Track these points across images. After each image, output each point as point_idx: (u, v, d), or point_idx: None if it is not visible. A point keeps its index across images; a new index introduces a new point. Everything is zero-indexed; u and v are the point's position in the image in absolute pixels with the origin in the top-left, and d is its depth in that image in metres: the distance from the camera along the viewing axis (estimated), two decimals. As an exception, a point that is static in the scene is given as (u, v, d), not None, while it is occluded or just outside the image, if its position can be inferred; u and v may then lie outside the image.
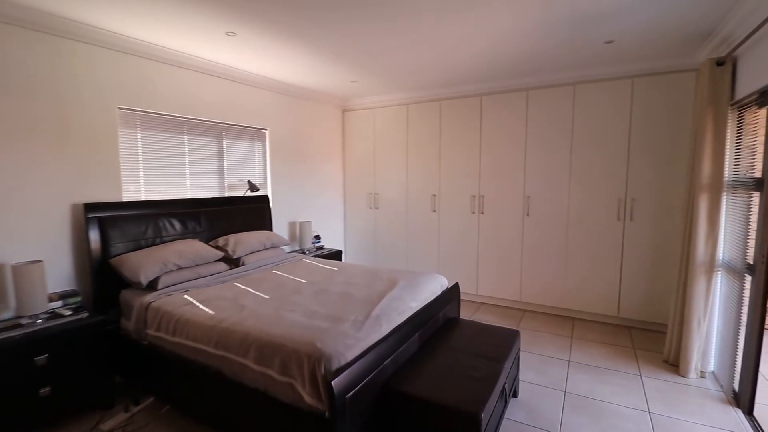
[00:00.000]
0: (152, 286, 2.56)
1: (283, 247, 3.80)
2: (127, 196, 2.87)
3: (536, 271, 3.98)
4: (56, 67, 2.44)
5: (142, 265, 2.52)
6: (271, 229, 3.93)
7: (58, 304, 2.34)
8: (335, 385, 1.52)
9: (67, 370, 2.16)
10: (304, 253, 4.12)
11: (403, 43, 2.92)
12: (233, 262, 3.20)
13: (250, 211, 3.69)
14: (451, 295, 2.76)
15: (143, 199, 2.98)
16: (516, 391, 2.46)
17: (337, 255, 4.50)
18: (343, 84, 4.12)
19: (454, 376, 1.90)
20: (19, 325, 2.10)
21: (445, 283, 2.89)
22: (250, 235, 3.40)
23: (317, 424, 1.59)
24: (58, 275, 2.50)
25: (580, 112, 3.64)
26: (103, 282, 2.59)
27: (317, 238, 4.56)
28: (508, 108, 3.97)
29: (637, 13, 2.37)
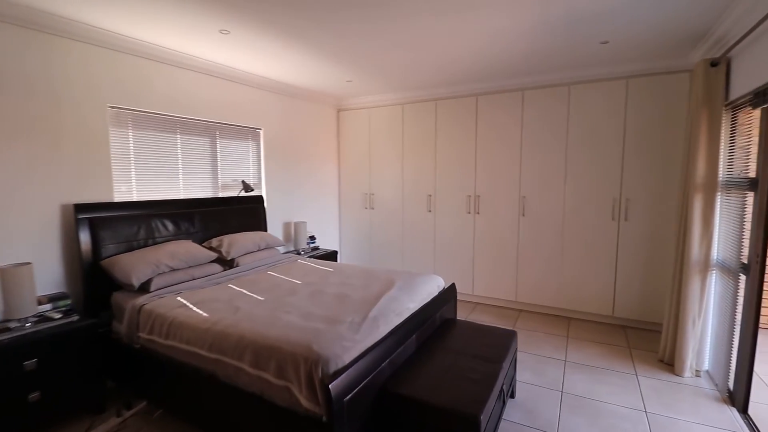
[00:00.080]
0: (144, 288, 2.51)
1: (278, 248, 3.77)
2: (119, 197, 2.82)
3: (532, 271, 3.98)
4: (44, 65, 2.38)
5: (134, 266, 2.48)
6: (266, 230, 3.90)
7: (48, 307, 2.29)
8: (333, 388, 1.49)
9: (57, 375, 2.11)
10: (299, 254, 4.09)
11: (400, 43, 2.90)
12: (227, 264, 3.16)
13: (245, 212, 3.65)
14: (448, 295, 2.75)
15: (135, 199, 2.93)
16: (513, 392, 2.46)
17: (333, 255, 4.47)
18: (339, 83, 4.10)
19: (452, 378, 1.88)
20: (7, 329, 2.05)
21: (442, 284, 2.88)
22: (244, 236, 3.36)
23: (314, 428, 1.57)
24: (48, 277, 2.45)
25: (576, 113, 3.65)
26: (94, 284, 2.54)
27: (312, 238, 4.53)
28: (504, 108, 3.97)
29: (632, 14, 2.37)
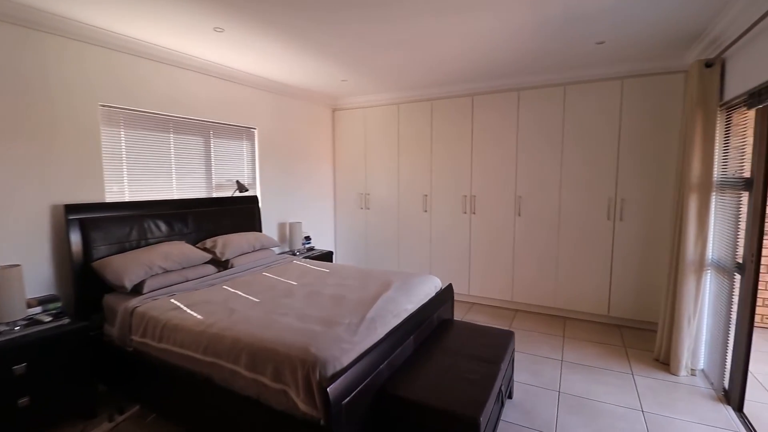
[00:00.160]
0: (137, 290, 2.47)
1: (273, 249, 3.73)
2: (111, 197, 2.77)
3: (527, 271, 3.98)
4: (34, 63, 2.33)
5: (127, 268, 2.43)
6: (261, 231, 3.85)
7: (38, 310, 2.23)
8: (331, 391, 1.47)
9: (48, 379, 2.06)
10: (295, 255, 4.05)
11: (397, 43, 2.88)
12: (222, 265, 3.12)
13: (239, 212, 3.61)
14: (446, 296, 2.73)
15: (127, 199, 2.88)
16: (511, 392, 2.45)
17: (328, 256, 4.44)
18: (334, 83, 4.07)
19: (451, 380, 1.87)
20: (-5, 333, 1.99)
21: (439, 284, 2.86)
22: (239, 237, 3.32)
23: (312, 432, 1.54)
24: (38, 280, 2.39)
25: (571, 113, 3.66)
26: (85, 286, 2.49)
27: (308, 239, 4.49)
28: (500, 108, 3.97)
29: (629, 14, 2.38)
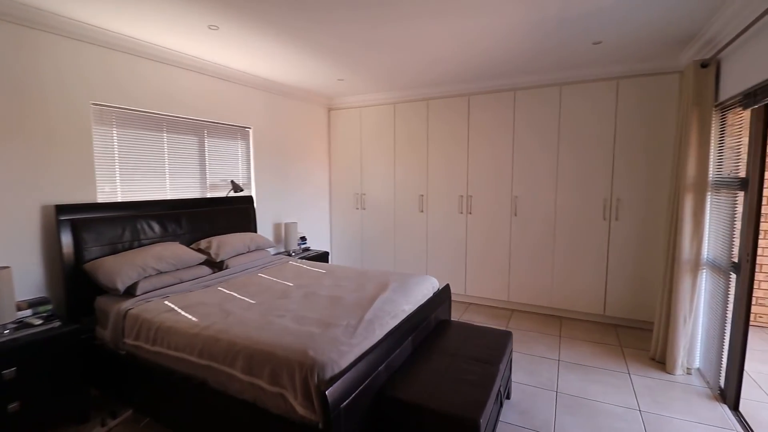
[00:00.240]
0: (130, 292, 2.42)
1: (269, 250, 3.70)
2: (102, 197, 2.72)
3: (524, 271, 3.99)
4: (23, 60, 2.27)
5: (119, 270, 2.39)
6: (256, 231, 3.82)
7: (28, 313, 2.19)
8: (329, 395, 1.44)
9: (38, 384, 2.02)
10: (290, 255, 4.02)
11: (395, 44, 2.87)
12: (216, 266, 3.08)
13: (234, 213, 3.57)
14: (443, 296, 2.72)
15: (120, 200, 2.83)
16: (509, 393, 2.44)
17: (324, 257, 4.41)
18: (330, 82, 4.04)
19: (450, 381, 1.85)
20: (-17, 337, 1.95)
21: (437, 285, 2.85)
22: (233, 237, 3.28)
23: (310, 436, 1.52)
24: (28, 282, 2.34)
25: (567, 113, 3.66)
26: (77, 288, 2.44)
27: (303, 239, 4.46)
28: (496, 108, 3.96)
29: (626, 14, 2.38)
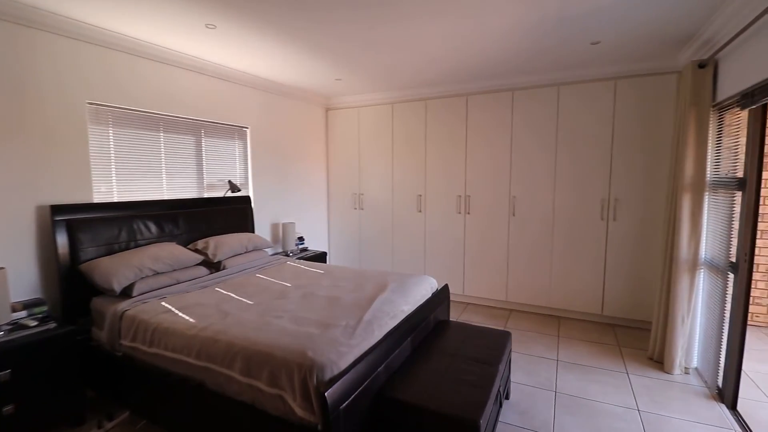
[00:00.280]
0: (126, 293, 2.40)
1: (266, 250, 3.68)
2: (98, 197, 2.70)
3: (522, 271, 3.99)
4: (20, 58, 2.25)
5: (116, 270, 2.37)
6: (253, 231, 3.80)
7: (23, 314, 2.16)
8: (329, 396, 1.43)
9: (33, 386, 1.99)
10: (288, 256, 4.00)
11: (393, 44, 2.87)
12: (214, 266, 3.06)
13: (231, 213, 3.55)
14: (442, 296, 2.72)
15: (116, 200, 2.80)
16: (508, 393, 2.44)
17: (322, 257, 4.40)
18: (328, 82, 4.03)
19: (449, 382, 1.85)
20: (-23, 339, 1.92)
21: (435, 285, 2.84)
22: (231, 238, 3.27)
23: (309, 437, 1.51)
24: (22, 283, 2.32)
25: (564, 113, 3.66)
26: (73, 289, 2.42)
27: (301, 239, 4.44)
28: (494, 108, 3.96)
29: (625, 14, 2.38)
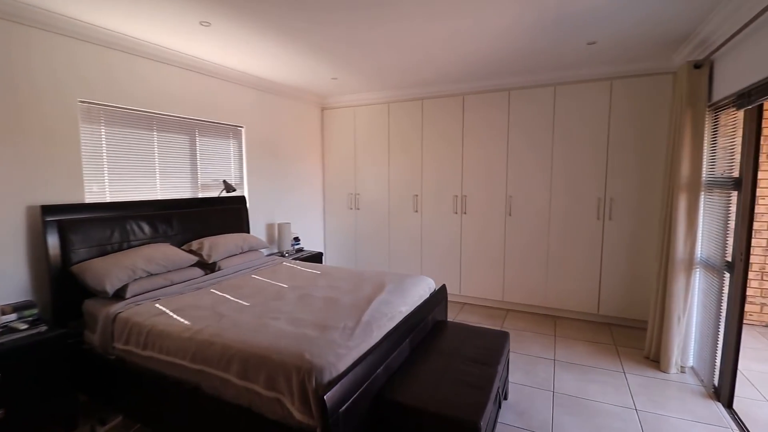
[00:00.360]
0: (119, 295, 2.36)
1: (262, 250, 3.64)
2: (90, 198, 2.65)
3: (518, 271, 3.99)
4: (9, 55, 2.19)
5: (108, 272, 2.32)
6: (249, 232, 3.76)
7: (12, 317, 2.11)
8: (328, 399, 1.41)
9: (24, 390, 1.95)
10: (284, 256, 3.97)
11: (391, 43, 2.86)
12: (209, 267, 3.02)
13: (226, 213, 3.51)
14: (439, 297, 2.70)
15: (108, 200, 2.75)
16: (506, 393, 2.43)
17: (318, 257, 4.36)
18: (324, 81, 4.00)
19: (448, 383, 1.83)
20: (-35, 343, 1.87)
21: (433, 285, 2.83)
22: (226, 238, 3.23)
23: (308, 441, 1.49)
24: (12, 285, 2.26)
25: (560, 113, 3.67)
26: (64, 292, 2.36)
27: (296, 240, 4.41)
28: (490, 108, 3.96)
29: (621, 14, 2.38)
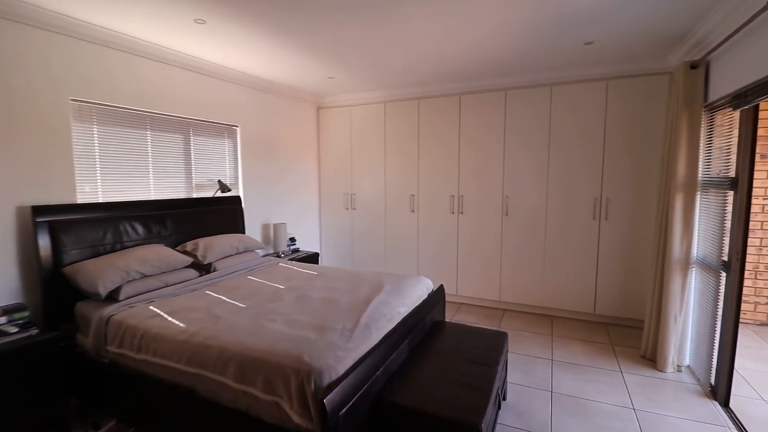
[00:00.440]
0: (113, 297, 2.31)
1: (257, 251, 3.60)
2: (83, 198, 2.60)
3: (515, 271, 3.99)
4: (0, 53, 2.15)
5: (101, 273, 2.28)
6: (244, 232, 3.72)
7: (2, 321, 2.06)
8: (328, 402, 1.39)
9: (15, 394, 1.90)
10: (280, 257, 3.93)
11: (387, 42, 2.84)
12: (204, 269, 2.98)
13: (221, 213, 3.47)
14: (437, 297, 2.69)
15: (101, 200, 2.71)
16: (505, 394, 2.42)
17: (314, 258, 4.33)
18: (320, 80, 3.97)
19: (448, 384, 1.82)
20: (-47, 347, 1.83)
21: (431, 286, 2.81)
22: (221, 239, 3.19)
23: (307, 445, 1.46)
24: (2, 288, 2.21)
25: (557, 113, 3.68)
26: (56, 294, 2.31)
27: (292, 240, 4.37)
28: (487, 108, 3.96)
29: (620, 13, 2.38)
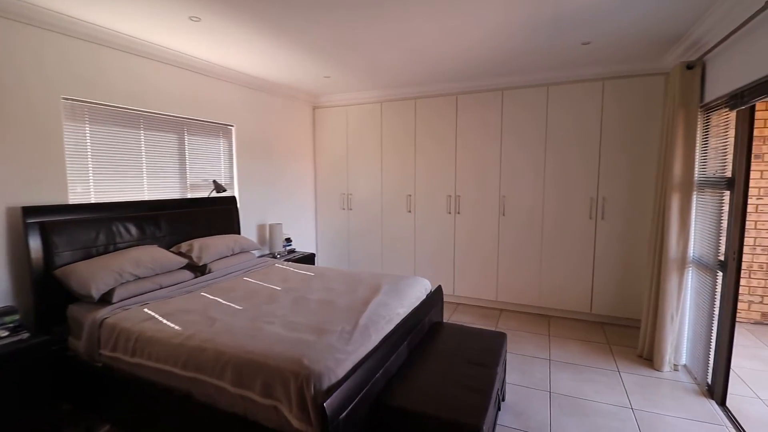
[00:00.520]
0: (106, 299, 2.27)
1: (253, 252, 3.57)
2: (74, 198, 2.55)
3: (512, 271, 3.99)
4: (-15, 49, 2.10)
5: (94, 275, 2.23)
6: (239, 233, 3.68)
7: (-9, 325, 2.01)
8: (328, 406, 1.36)
9: (6, 400, 1.85)
10: (276, 258, 3.90)
11: (384, 42, 2.82)
12: (199, 270, 2.94)
13: (216, 214, 3.42)
14: (436, 298, 2.67)
15: (93, 201, 2.66)
16: (504, 395, 2.41)
17: (310, 258, 4.30)
18: (316, 79, 3.94)
19: (448, 386, 1.80)
20: (-60, 352, 1.77)
21: (429, 286, 2.80)
22: (216, 240, 3.15)
23: (306, 450, 1.44)
24: (-10, 290, 2.17)
25: (554, 113, 3.68)
26: (47, 296, 2.27)
27: (288, 241, 4.34)
28: (483, 108, 3.95)
29: (617, 15, 2.39)
